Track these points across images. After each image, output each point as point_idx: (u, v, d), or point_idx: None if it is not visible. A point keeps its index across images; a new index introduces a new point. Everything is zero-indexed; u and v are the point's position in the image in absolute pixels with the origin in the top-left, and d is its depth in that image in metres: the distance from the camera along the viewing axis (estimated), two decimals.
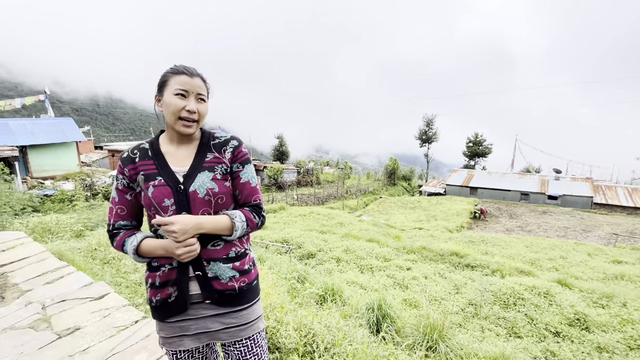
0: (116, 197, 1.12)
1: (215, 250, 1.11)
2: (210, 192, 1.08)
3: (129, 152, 1.14)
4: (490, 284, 6.46)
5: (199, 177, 1.09)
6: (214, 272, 1.11)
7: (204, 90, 1.11)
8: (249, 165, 1.19)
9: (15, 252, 3.73)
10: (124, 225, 1.13)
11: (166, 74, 1.08)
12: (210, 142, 1.17)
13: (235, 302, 1.14)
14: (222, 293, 1.12)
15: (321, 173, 36.68)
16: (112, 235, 1.12)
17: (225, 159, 1.15)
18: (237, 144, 1.18)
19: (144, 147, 1.14)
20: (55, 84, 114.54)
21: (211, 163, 1.13)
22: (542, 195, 27.46)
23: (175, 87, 1.05)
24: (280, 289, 3.70)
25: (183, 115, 1.06)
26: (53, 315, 2.43)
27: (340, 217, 15.71)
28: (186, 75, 1.06)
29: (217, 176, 1.11)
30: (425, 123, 46.26)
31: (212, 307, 1.12)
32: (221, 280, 1.11)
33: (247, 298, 1.17)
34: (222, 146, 1.16)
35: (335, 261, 8.14)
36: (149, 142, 1.16)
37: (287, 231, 10.70)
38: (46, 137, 16.85)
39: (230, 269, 1.13)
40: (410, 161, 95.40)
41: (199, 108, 1.08)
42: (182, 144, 1.15)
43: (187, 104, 1.06)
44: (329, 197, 27.10)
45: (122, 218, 1.12)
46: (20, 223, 6.71)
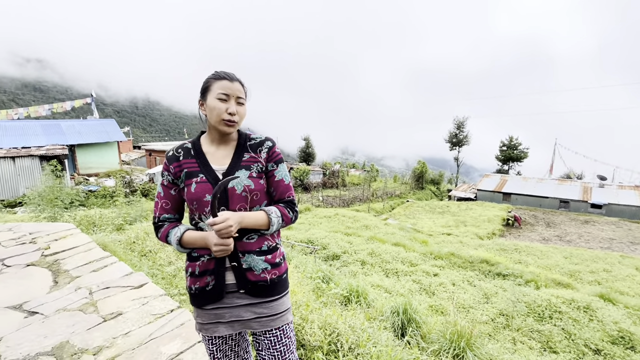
0: (162, 192, 1.23)
1: (249, 243, 1.18)
2: (247, 189, 1.16)
3: (173, 151, 1.24)
4: (524, 294, 6.15)
5: (237, 174, 1.17)
6: (248, 263, 1.18)
7: (243, 93, 1.19)
8: (282, 164, 1.27)
9: (66, 242, 4.08)
10: (167, 217, 1.23)
11: (209, 80, 1.17)
12: (247, 142, 1.25)
13: (266, 293, 1.21)
14: (255, 284, 1.19)
15: (347, 175, 36.56)
16: (157, 227, 1.23)
17: (261, 159, 1.23)
18: (272, 145, 1.27)
19: (187, 147, 1.24)
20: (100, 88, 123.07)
21: (248, 162, 1.21)
22: (585, 203, 25.64)
23: (218, 91, 1.14)
24: (306, 287, 3.76)
25: (225, 118, 1.15)
26: (99, 300, 2.65)
27: (366, 219, 15.59)
28: (227, 80, 1.15)
29: (253, 174, 1.19)
30: (456, 125, 44.76)
31: (246, 296, 1.20)
32: (254, 272, 1.19)
33: (277, 290, 1.23)
34: (258, 146, 1.24)
35: (360, 264, 8.10)
36: (192, 142, 1.25)
37: (312, 232, 10.80)
38: (92, 137, 18.18)
39: (263, 261, 1.20)
40: (439, 165, 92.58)
41: (238, 110, 1.17)
42: (222, 144, 1.24)
43: (229, 107, 1.15)
44: (354, 199, 26.96)
45: (166, 211, 1.23)
46: (69, 216, 7.30)
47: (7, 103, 76.18)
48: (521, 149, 42.34)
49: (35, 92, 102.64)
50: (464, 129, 44.46)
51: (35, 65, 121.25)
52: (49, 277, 3.14)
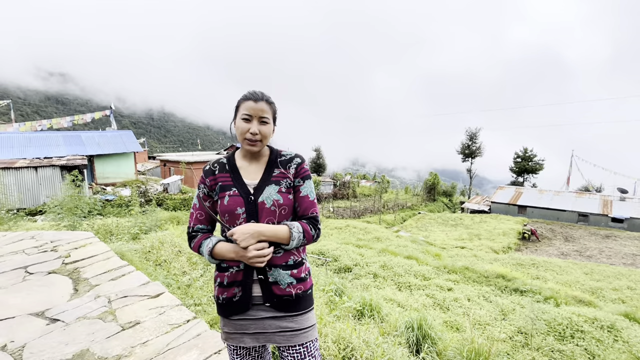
0: (197, 204, 1.29)
1: (276, 257, 1.21)
2: (276, 203, 1.20)
3: (210, 165, 1.31)
4: (543, 312, 5.93)
5: (266, 189, 1.22)
6: (274, 277, 1.20)
7: (268, 113, 1.24)
8: (309, 181, 1.31)
9: (85, 250, 4.19)
10: (201, 228, 1.28)
11: (239, 101, 1.25)
12: (278, 159, 1.30)
13: (291, 307, 1.22)
14: (281, 298, 1.21)
15: (357, 186, 36.44)
16: (191, 237, 1.28)
17: (290, 174, 1.27)
18: (300, 161, 1.31)
19: (222, 162, 1.30)
20: (118, 100, 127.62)
21: (277, 177, 1.25)
22: (605, 217, 24.77)
23: (243, 112, 1.21)
24: (318, 300, 3.74)
25: (247, 137, 1.21)
26: (117, 309, 2.69)
27: (377, 231, 15.44)
28: (252, 101, 1.21)
29: (282, 189, 1.23)
30: (468, 137, 44.31)
31: (271, 310, 1.22)
32: (280, 286, 1.21)
33: (302, 305, 1.25)
34: (288, 163, 1.29)
35: (372, 276, 8.00)
36: (227, 157, 1.32)
37: (324, 243, 10.75)
38: (110, 148, 18.76)
39: (289, 275, 1.22)
40: (451, 176, 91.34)
41: (261, 130, 1.22)
42: (254, 160, 1.30)
43: (251, 127, 1.20)
44: (365, 210, 26.78)
45: (200, 222, 1.28)
46: (88, 224, 7.50)
47: (32, 115, 79.64)
48: (536, 160, 41.49)
49: (58, 104, 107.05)
50: (477, 140, 43.97)
51: (58, 79, 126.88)
52: (69, 285, 3.23)
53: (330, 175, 38.45)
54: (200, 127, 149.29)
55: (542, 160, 41.49)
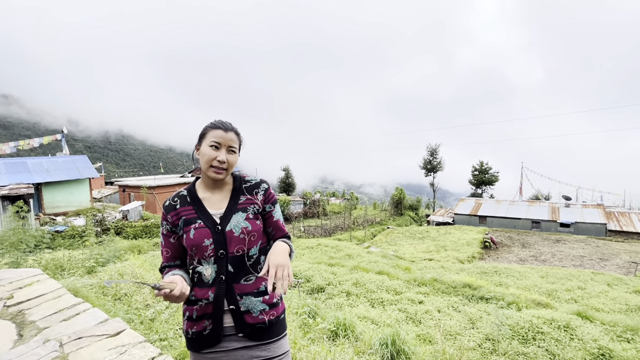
0: (162, 241, 1.26)
1: (247, 285, 1.20)
2: (244, 231, 1.21)
3: (170, 200, 1.28)
4: (507, 317, 6.23)
5: (234, 217, 1.22)
6: (246, 306, 1.19)
7: (236, 143, 1.26)
8: (277, 205, 1.36)
9: (32, 289, 3.79)
10: (168, 265, 1.26)
11: (206, 128, 1.25)
12: (242, 185, 1.31)
13: (264, 335, 1.21)
14: (254, 326, 1.19)
15: (327, 204, 36.66)
16: (162, 272, 1.27)
17: (257, 201, 1.29)
18: (267, 187, 1.34)
19: (183, 195, 1.28)
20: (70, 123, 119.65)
21: (244, 204, 1.26)
22: (554, 223, 26.92)
23: (211, 139, 1.21)
24: (292, 324, 3.66)
25: (214, 164, 1.21)
26: (71, 352, 2.45)
27: (349, 248, 15.51)
28: (221, 130, 1.23)
29: (249, 216, 1.24)
30: (429, 152, 46.72)
31: (244, 340, 1.19)
32: (252, 314, 1.20)
33: (275, 331, 1.24)
34: (254, 189, 1.31)
35: (345, 295, 7.97)
36: (187, 189, 1.29)
37: (295, 264, 10.59)
38: (61, 175, 17.40)
39: (261, 302, 1.22)
40: (416, 190, 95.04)
41: (229, 158, 1.23)
42: (217, 189, 1.29)
43: (219, 155, 1.21)
44: (336, 228, 26.89)
45: (167, 259, 1.26)
46: (34, 260, 6.80)
47: None
48: (492, 172, 44.55)
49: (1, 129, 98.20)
50: (437, 155, 46.47)
51: (1, 101, 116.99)
52: (12, 331, 2.89)
53: (300, 194, 38.41)
54: (162, 149, 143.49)
55: (497, 172, 44.66)
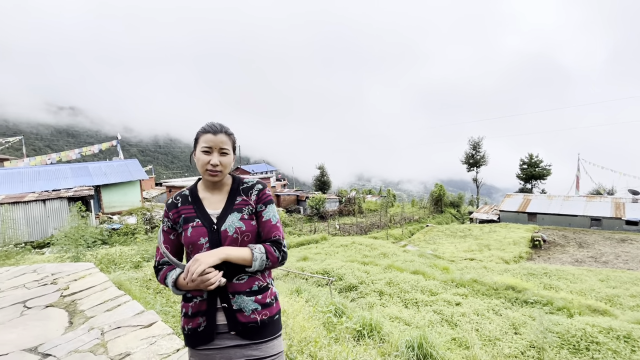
0: (162, 238, 1.31)
1: (239, 284, 1.23)
2: (238, 231, 1.23)
3: (172, 199, 1.35)
4: (555, 323, 5.72)
5: (229, 217, 1.25)
6: (238, 304, 1.21)
7: (227, 144, 1.29)
8: (271, 205, 1.35)
9: (84, 282, 4.22)
10: (166, 262, 1.29)
11: (198, 133, 1.30)
12: (240, 187, 1.35)
13: (257, 334, 1.23)
14: (246, 325, 1.21)
15: (363, 202, 36.27)
16: (157, 271, 1.30)
17: (251, 201, 1.31)
18: (262, 187, 1.35)
19: (184, 194, 1.34)
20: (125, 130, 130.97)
21: (240, 205, 1.29)
22: (619, 220, 24.12)
23: (202, 144, 1.26)
24: (316, 322, 3.68)
25: (208, 168, 1.25)
26: (109, 340, 2.69)
27: (384, 247, 15.23)
28: (210, 134, 1.26)
29: (244, 216, 1.27)
30: (472, 146, 44.24)
31: (236, 338, 1.22)
32: (244, 313, 1.21)
33: (268, 331, 1.25)
34: (249, 190, 1.33)
35: (377, 294, 7.84)
36: (189, 189, 1.36)
37: (328, 262, 10.62)
38: (116, 177, 19.14)
39: (253, 301, 1.23)
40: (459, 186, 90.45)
41: (221, 161, 1.26)
42: (216, 190, 1.33)
43: (211, 159, 1.24)
44: (371, 226, 26.53)
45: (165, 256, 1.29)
46: (92, 255, 7.57)
47: (43, 149, 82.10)
48: (543, 166, 41.05)
49: (69, 137, 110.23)
50: (481, 149, 43.83)
51: (68, 112, 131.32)
52: (65, 318, 3.24)
53: (335, 192, 38.41)
54: None
55: (549, 165, 41.06)
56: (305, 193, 36.53)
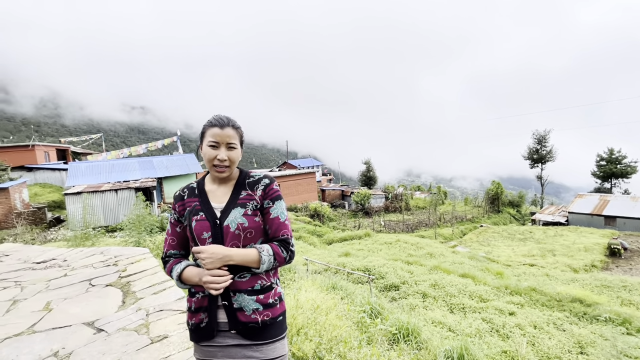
0: (169, 229, 1.32)
1: (241, 282, 1.18)
2: (240, 227, 1.19)
3: (180, 191, 1.34)
4: (634, 346, 4.92)
5: (232, 212, 1.21)
6: (239, 303, 1.17)
7: (235, 138, 1.24)
8: (279, 202, 1.28)
9: (139, 265, 4.63)
10: (174, 253, 1.30)
11: (204, 127, 1.26)
12: (246, 180, 1.30)
13: (258, 335, 1.18)
14: (246, 325, 1.17)
15: (411, 198, 34.97)
16: (164, 262, 1.31)
17: (256, 196, 1.25)
18: (269, 182, 1.29)
19: (192, 187, 1.33)
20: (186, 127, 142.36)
21: (244, 200, 1.24)
22: None
23: (209, 139, 1.22)
24: (349, 321, 3.59)
25: (215, 163, 1.22)
26: (152, 322, 2.90)
27: (431, 247, 14.52)
28: (217, 128, 1.22)
29: (248, 212, 1.21)
30: (536, 140, 40.02)
31: (237, 337, 1.19)
32: (245, 312, 1.17)
33: (270, 333, 1.20)
34: (255, 184, 1.28)
35: (420, 296, 7.49)
36: (197, 182, 1.34)
37: (370, 259, 10.42)
38: (176, 170, 20.87)
39: (254, 301, 1.18)
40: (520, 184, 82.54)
41: (229, 155, 1.22)
42: (222, 183, 1.30)
43: (218, 154, 1.21)
44: (419, 224, 25.47)
45: (172, 247, 1.30)
46: (151, 240, 8.33)
47: (119, 144, 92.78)
48: (627, 163, 35.62)
49: (139, 134, 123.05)
50: (547, 143, 39.45)
51: (139, 112, 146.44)
52: (119, 297, 3.58)
53: (382, 188, 37.56)
54: (257, 146, 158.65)
55: (634, 162, 35.50)
56: (351, 188, 36.30)
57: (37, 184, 22.02)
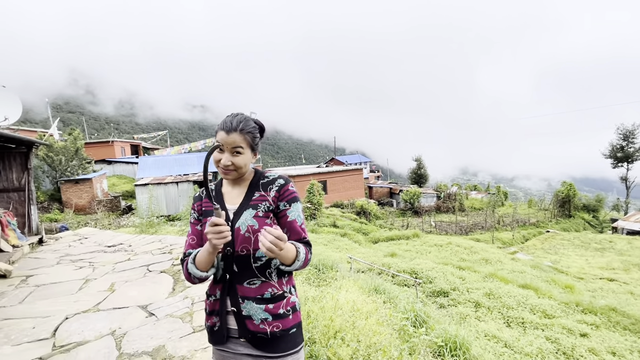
0: (190, 230, 1.31)
1: (249, 289, 1.13)
2: (250, 229, 1.13)
3: (199, 192, 1.33)
4: None
5: (244, 214, 1.16)
6: (247, 310, 1.12)
7: (242, 143, 1.17)
8: (296, 204, 1.21)
9: None
10: (191, 253, 1.26)
11: (216, 130, 1.22)
12: (260, 181, 1.24)
13: (267, 347, 1.12)
14: (255, 334, 1.12)
15: (466, 198, 32.72)
16: (182, 261, 1.27)
17: (269, 197, 1.19)
18: (283, 183, 1.22)
19: (210, 188, 1.30)
20: None
21: (256, 201, 1.19)
22: None
23: (216, 142, 1.19)
24: (390, 328, 3.40)
25: (220, 166, 1.18)
26: (195, 311, 3.04)
27: (487, 252, 13.41)
28: (224, 132, 1.16)
29: (259, 213, 1.16)
30: (622, 136, 34.68)
31: (248, 346, 1.14)
32: (254, 321, 1.12)
33: (280, 347, 1.13)
34: (269, 185, 1.22)
35: (473, 305, 6.93)
36: (215, 183, 1.33)
37: (418, 262, 9.94)
38: None
39: (263, 310, 1.12)
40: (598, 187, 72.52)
41: (233, 160, 1.16)
42: (236, 184, 1.26)
43: (222, 158, 1.16)
44: (474, 226, 23.73)
45: (192, 247, 1.28)
46: None
47: (182, 140, 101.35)
48: None
49: (200, 130, 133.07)
50: (635, 139, 33.97)
51: (200, 110, 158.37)
52: (170, 284, 3.83)
53: (433, 187, 35.72)
54: (305, 142, 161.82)
55: None
56: (399, 186, 35.13)
57: (115, 176, 24.98)
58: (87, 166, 18.47)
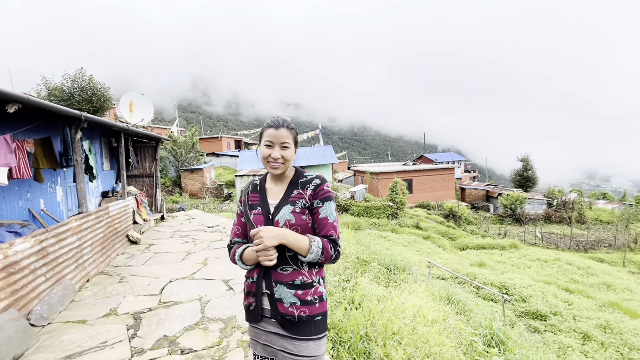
0: (236, 220, 1.49)
1: (282, 275, 1.25)
2: (287, 223, 1.26)
3: (247, 186, 1.49)
4: None
5: (283, 209, 1.29)
6: (279, 294, 1.25)
7: (289, 138, 1.31)
8: (329, 203, 1.29)
9: None
10: (238, 241, 1.45)
11: (263, 128, 1.37)
12: (299, 180, 1.35)
13: (294, 329, 1.23)
14: (284, 316, 1.24)
15: (589, 208, 26.92)
16: (229, 249, 1.46)
17: (306, 196, 1.30)
18: (320, 183, 1.31)
19: (256, 183, 1.46)
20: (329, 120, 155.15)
21: (295, 198, 1.30)
22: None
23: (265, 139, 1.32)
24: (455, 341, 3.16)
25: (270, 161, 1.31)
26: None
27: (610, 275, 10.89)
28: (273, 129, 1.31)
29: (296, 210, 1.27)
30: None
31: (278, 326, 1.27)
32: (284, 304, 1.24)
33: (305, 331, 1.22)
34: (307, 184, 1.32)
35: (579, 336, 5.82)
36: (260, 179, 1.47)
37: (511, 276, 8.76)
38: (315, 160, 23.19)
39: (293, 295, 1.23)
40: None
41: (283, 154, 1.30)
42: (279, 181, 1.39)
43: (273, 153, 1.30)
44: (598, 243, 19.39)
45: (237, 236, 1.46)
46: None
47: None
48: None
49: None
50: None
51: (294, 107, 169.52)
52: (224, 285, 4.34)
53: (543, 192, 30.43)
54: (394, 138, 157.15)
55: None
56: (500, 189, 31.12)
57: (221, 167, 28.92)
58: (200, 158, 21.91)
